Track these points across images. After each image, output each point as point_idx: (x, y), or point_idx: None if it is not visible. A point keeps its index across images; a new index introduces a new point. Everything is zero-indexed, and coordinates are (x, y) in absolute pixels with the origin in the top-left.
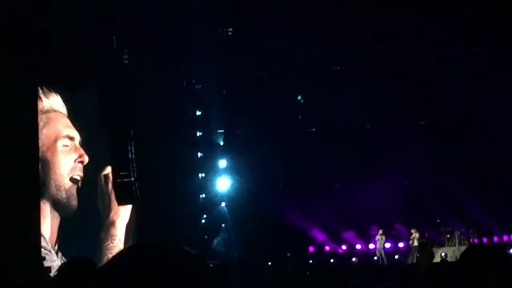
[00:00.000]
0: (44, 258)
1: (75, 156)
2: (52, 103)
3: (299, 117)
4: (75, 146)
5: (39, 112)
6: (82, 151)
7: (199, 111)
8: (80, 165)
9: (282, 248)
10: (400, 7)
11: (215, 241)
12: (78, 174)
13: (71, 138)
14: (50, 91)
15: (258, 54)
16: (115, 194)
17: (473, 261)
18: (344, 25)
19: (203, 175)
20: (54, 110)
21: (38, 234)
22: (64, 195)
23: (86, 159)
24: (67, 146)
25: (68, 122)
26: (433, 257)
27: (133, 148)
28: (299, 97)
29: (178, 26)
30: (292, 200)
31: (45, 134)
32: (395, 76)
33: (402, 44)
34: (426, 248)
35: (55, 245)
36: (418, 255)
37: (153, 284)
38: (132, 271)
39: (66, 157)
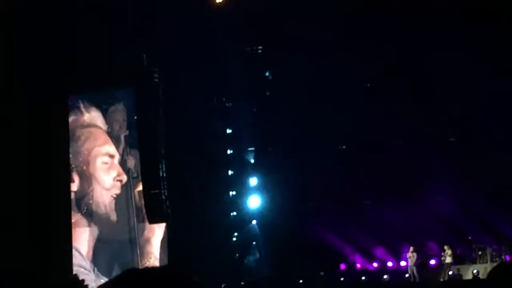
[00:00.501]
0: (75, 276)
1: (114, 173)
2: (92, 117)
3: (330, 135)
4: (114, 164)
5: (80, 127)
6: (121, 170)
7: (229, 129)
8: (118, 184)
9: (313, 266)
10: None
11: (247, 259)
12: (116, 192)
13: (111, 156)
14: (91, 105)
15: (287, 71)
16: (146, 212)
17: (502, 279)
18: (374, 39)
19: (234, 193)
20: (95, 126)
21: (70, 254)
22: (103, 211)
23: (124, 178)
24: (106, 163)
25: (108, 138)
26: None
27: (164, 166)
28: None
29: (208, 44)
30: (323, 218)
31: (86, 149)
32: (426, 92)
33: (435, 61)
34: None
35: (91, 262)
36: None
37: None
38: None
39: (105, 174)
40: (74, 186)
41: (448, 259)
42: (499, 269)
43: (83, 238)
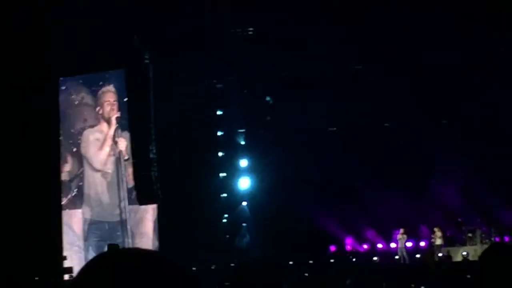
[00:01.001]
0: (65, 258)
1: (105, 154)
2: (83, 99)
3: (320, 116)
4: (105, 145)
5: (70, 108)
6: (112, 150)
7: (220, 110)
8: (110, 165)
9: (303, 248)
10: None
11: (237, 240)
12: (107, 173)
13: (103, 137)
14: (82, 87)
15: (279, 53)
16: (137, 193)
17: (494, 260)
18: (365, 24)
19: (224, 174)
20: (86, 107)
21: (60, 236)
22: (94, 192)
23: (116, 158)
24: (97, 145)
25: (99, 119)
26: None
27: (154, 148)
28: (268, 99)
29: (198, 26)
30: (313, 200)
31: (76, 130)
32: (415, 75)
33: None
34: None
35: (84, 241)
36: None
37: None
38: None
39: (97, 155)
40: (66, 167)
41: (438, 241)
42: (490, 250)
43: (74, 220)
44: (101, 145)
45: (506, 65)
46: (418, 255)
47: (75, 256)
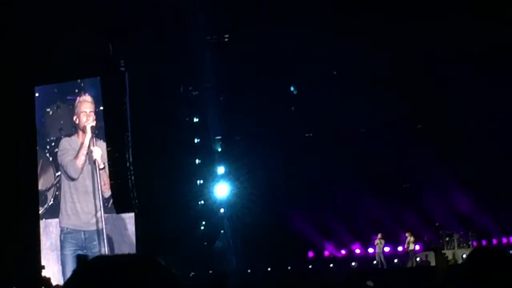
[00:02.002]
0: (43, 267)
1: (81, 164)
2: (59, 108)
3: (297, 122)
4: (81, 154)
5: (46, 118)
6: (87, 152)
7: (196, 117)
8: (85, 174)
9: (281, 254)
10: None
11: (215, 247)
12: (83, 183)
13: (78, 147)
14: (58, 96)
15: (255, 59)
16: (113, 202)
17: (480, 263)
18: (342, 29)
19: (201, 181)
20: (61, 116)
21: (38, 246)
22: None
23: (92, 168)
24: (74, 149)
25: (75, 129)
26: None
27: (130, 155)
28: (292, 90)
29: (175, 33)
30: (291, 206)
31: (52, 141)
32: (392, 80)
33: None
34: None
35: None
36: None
37: None
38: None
39: (73, 165)
40: (41, 177)
41: (411, 246)
42: (477, 253)
43: (51, 229)
44: (77, 154)
45: (478, 67)
46: (396, 260)
47: (53, 265)
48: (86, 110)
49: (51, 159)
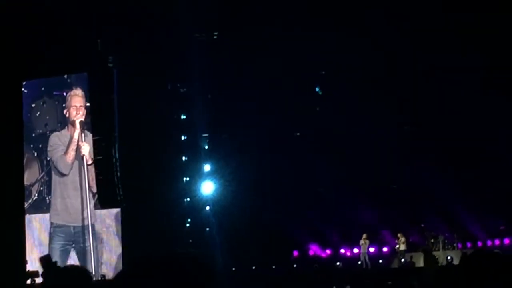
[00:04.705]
0: (26, 262)
1: (70, 159)
2: (47, 103)
3: (285, 121)
4: (70, 150)
5: (34, 113)
6: (77, 148)
7: (183, 115)
8: (74, 170)
9: (266, 252)
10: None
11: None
12: (71, 178)
13: (67, 141)
14: (46, 92)
15: (243, 58)
16: (99, 197)
17: (478, 266)
18: (331, 29)
19: (188, 179)
20: (50, 112)
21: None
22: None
23: (80, 163)
24: (63, 144)
25: (64, 123)
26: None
27: (117, 151)
28: (317, 90)
29: (163, 30)
30: (277, 204)
31: (40, 135)
32: (379, 83)
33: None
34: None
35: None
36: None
37: None
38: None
39: (61, 160)
40: (29, 173)
41: (402, 246)
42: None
43: (36, 224)
44: (67, 150)
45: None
46: (380, 261)
47: (35, 260)
48: (76, 104)
49: (36, 154)
